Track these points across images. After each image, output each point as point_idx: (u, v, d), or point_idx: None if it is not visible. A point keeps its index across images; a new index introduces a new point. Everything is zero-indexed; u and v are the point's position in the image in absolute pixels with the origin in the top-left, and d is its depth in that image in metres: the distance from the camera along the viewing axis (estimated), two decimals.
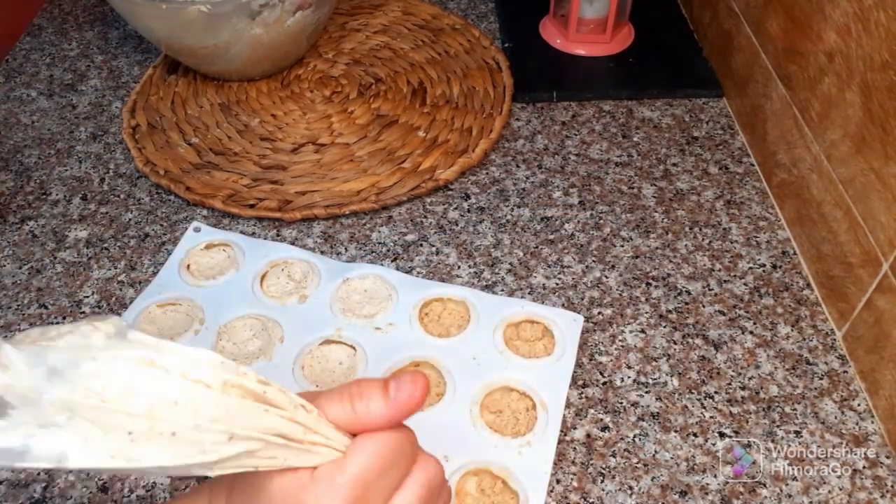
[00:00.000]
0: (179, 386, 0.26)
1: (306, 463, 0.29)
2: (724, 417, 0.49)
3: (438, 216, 0.63)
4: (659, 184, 0.65)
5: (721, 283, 0.57)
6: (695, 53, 0.78)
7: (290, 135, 0.70)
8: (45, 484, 0.47)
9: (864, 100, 0.49)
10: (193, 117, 0.73)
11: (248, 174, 0.66)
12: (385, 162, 0.67)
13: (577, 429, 0.49)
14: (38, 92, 0.77)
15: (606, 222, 0.62)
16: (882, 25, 0.47)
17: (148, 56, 0.81)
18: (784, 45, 0.61)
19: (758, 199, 0.63)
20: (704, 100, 0.73)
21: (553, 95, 0.73)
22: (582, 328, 0.53)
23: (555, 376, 0.51)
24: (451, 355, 0.52)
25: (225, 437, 0.27)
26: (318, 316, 0.55)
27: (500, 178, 0.66)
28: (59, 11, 0.88)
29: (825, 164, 0.54)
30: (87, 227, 0.63)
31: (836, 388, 0.51)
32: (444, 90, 0.74)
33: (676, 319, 0.55)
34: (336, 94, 0.75)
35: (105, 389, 0.25)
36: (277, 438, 0.28)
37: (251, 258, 0.59)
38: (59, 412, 0.24)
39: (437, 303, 0.56)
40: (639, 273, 0.58)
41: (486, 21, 0.84)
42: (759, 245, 0.60)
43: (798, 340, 0.53)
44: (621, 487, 0.46)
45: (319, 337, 0.54)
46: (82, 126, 0.73)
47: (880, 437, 0.48)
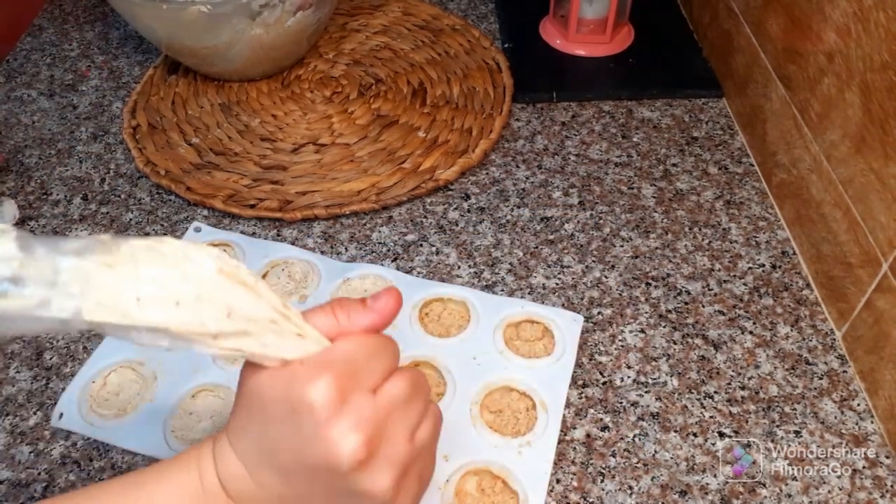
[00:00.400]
0: (182, 264, 0.29)
1: (296, 355, 0.31)
2: (724, 417, 0.49)
3: (438, 216, 0.63)
4: (659, 184, 0.65)
5: (721, 283, 0.57)
6: (695, 53, 0.78)
7: (291, 135, 0.70)
8: (45, 484, 0.47)
9: (863, 100, 0.49)
10: (194, 117, 0.73)
11: (249, 174, 0.66)
12: (385, 162, 0.67)
13: (577, 429, 0.49)
14: (38, 92, 0.77)
15: (606, 222, 0.62)
16: (882, 25, 0.47)
17: (148, 56, 0.81)
18: (784, 45, 0.61)
19: (757, 199, 0.63)
20: (704, 100, 0.73)
21: (553, 96, 0.73)
22: (582, 328, 0.53)
23: (555, 376, 0.51)
24: (451, 355, 0.52)
25: (224, 314, 0.29)
26: None
27: (500, 178, 0.66)
28: (60, 12, 0.88)
29: (825, 164, 0.54)
30: (88, 228, 0.63)
31: (835, 388, 0.51)
32: (444, 90, 0.74)
33: (676, 319, 0.55)
34: (336, 95, 0.75)
35: (116, 264, 0.28)
36: (271, 325, 0.30)
37: (251, 258, 0.59)
38: (73, 282, 0.27)
39: (437, 303, 0.56)
40: (639, 273, 0.58)
41: (486, 21, 0.84)
42: (759, 245, 0.60)
43: (798, 340, 0.53)
44: (621, 487, 0.46)
45: None
46: (83, 126, 0.73)
47: (880, 437, 0.48)
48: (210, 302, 0.29)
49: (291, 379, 0.30)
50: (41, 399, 0.51)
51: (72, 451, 0.49)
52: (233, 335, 0.30)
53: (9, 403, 0.51)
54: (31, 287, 0.27)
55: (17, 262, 0.27)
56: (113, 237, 0.29)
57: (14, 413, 0.51)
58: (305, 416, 0.30)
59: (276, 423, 0.31)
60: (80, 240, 0.28)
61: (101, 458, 0.48)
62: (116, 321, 0.28)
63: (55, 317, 0.27)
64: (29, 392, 0.52)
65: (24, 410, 0.51)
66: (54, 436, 0.49)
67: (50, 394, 0.51)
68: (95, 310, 0.27)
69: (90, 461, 0.48)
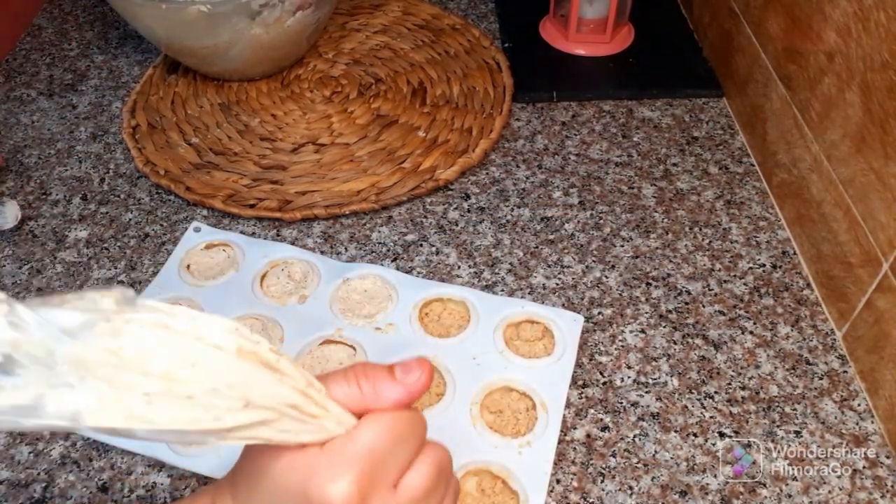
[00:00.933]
0: (196, 348, 0.25)
1: (316, 438, 0.29)
2: (724, 417, 0.49)
3: (438, 216, 0.63)
4: (659, 184, 0.65)
5: (721, 283, 0.57)
6: (695, 53, 0.78)
7: (290, 135, 0.70)
8: (45, 484, 0.47)
9: (864, 100, 0.49)
10: (193, 117, 0.73)
11: (248, 174, 0.66)
12: (385, 162, 0.67)
13: (577, 429, 0.49)
14: (38, 92, 0.77)
15: (606, 222, 0.62)
16: (882, 25, 0.47)
17: (148, 56, 0.81)
18: (784, 45, 0.61)
19: (758, 199, 0.63)
20: (704, 100, 0.73)
21: (553, 95, 0.73)
22: (582, 328, 0.53)
23: (555, 376, 0.51)
24: (451, 355, 0.52)
25: (241, 404, 0.26)
26: (319, 316, 0.55)
27: (500, 178, 0.66)
28: (59, 11, 0.88)
29: (825, 164, 0.54)
30: (87, 227, 0.63)
31: (836, 388, 0.51)
32: (444, 90, 0.74)
33: (676, 319, 0.55)
34: (336, 95, 0.75)
35: (121, 349, 0.24)
36: (291, 410, 0.28)
37: (251, 258, 0.59)
38: (72, 372, 0.23)
39: (437, 303, 0.56)
40: (639, 273, 0.58)
41: (486, 21, 0.84)
42: (759, 245, 0.60)
43: (798, 340, 0.53)
44: (621, 487, 0.46)
45: (319, 337, 0.54)
46: (82, 126, 0.73)
47: (880, 437, 0.48)
48: (226, 393, 0.26)
49: (311, 472, 0.29)
50: None
51: (71, 451, 0.49)
52: (249, 427, 0.27)
53: None
54: (22, 376, 0.23)
55: (8, 344, 0.23)
56: (118, 305, 0.24)
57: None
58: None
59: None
60: (81, 312, 0.24)
61: (100, 459, 0.48)
62: (121, 426, 0.24)
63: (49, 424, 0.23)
64: None
65: None
66: (54, 436, 0.49)
67: None
68: (98, 412, 0.24)
69: (90, 461, 0.48)
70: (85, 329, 0.24)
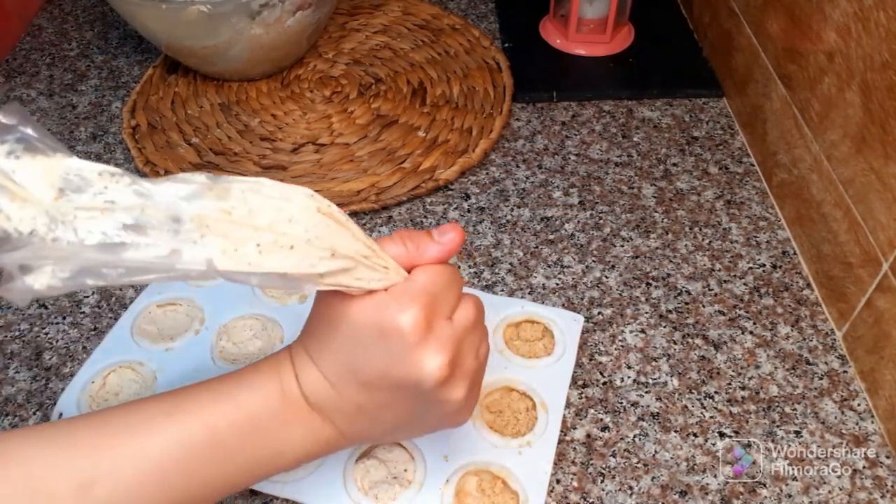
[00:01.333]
0: (288, 208, 0.30)
1: (382, 285, 0.34)
2: (724, 417, 0.49)
3: (438, 216, 0.63)
4: (659, 184, 0.65)
5: (721, 283, 0.57)
6: (695, 53, 0.78)
7: (291, 135, 0.70)
8: None
9: (864, 100, 0.49)
10: (193, 117, 0.73)
11: (249, 174, 0.66)
12: (385, 162, 0.67)
13: (577, 429, 0.49)
14: (38, 92, 0.77)
15: (606, 222, 0.62)
16: (882, 25, 0.47)
17: (148, 56, 0.81)
18: (784, 45, 0.61)
19: (758, 199, 0.63)
20: (704, 100, 0.73)
21: (553, 95, 0.73)
22: (582, 328, 0.53)
23: (555, 376, 0.51)
24: None
25: (328, 253, 0.31)
26: None
27: (500, 178, 0.66)
28: (59, 11, 0.88)
29: (825, 164, 0.54)
30: None
31: (836, 388, 0.51)
32: (444, 90, 0.74)
33: (676, 319, 0.55)
34: (336, 95, 0.75)
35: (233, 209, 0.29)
36: (364, 260, 0.33)
37: None
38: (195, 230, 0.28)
39: None
40: (639, 273, 0.58)
41: (486, 21, 0.84)
42: (759, 245, 0.60)
43: (798, 340, 0.53)
44: (621, 487, 0.46)
45: None
46: (82, 126, 0.73)
47: (880, 437, 0.48)
48: (317, 244, 0.31)
49: (382, 307, 0.34)
50: (40, 399, 0.51)
51: None
52: (336, 273, 0.32)
53: (8, 403, 0.51)
54: (153, 236, 0.27)
55: (138, 209, 0.27)
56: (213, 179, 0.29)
57: (13, 413, 0.51)
58: (395, 340, 0.34)
59: (364, 344, 0.35)
60: (187, 184, 0.28)
61: None
62: (244, 269, 0.29)
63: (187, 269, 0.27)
64: (28, 392, 0.52)
65: (24, 410, 0.51)
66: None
67: (49, 394, 0.51)
68: (224, 259, 0.28)
69: None
70: (194, 197, 0.28)
